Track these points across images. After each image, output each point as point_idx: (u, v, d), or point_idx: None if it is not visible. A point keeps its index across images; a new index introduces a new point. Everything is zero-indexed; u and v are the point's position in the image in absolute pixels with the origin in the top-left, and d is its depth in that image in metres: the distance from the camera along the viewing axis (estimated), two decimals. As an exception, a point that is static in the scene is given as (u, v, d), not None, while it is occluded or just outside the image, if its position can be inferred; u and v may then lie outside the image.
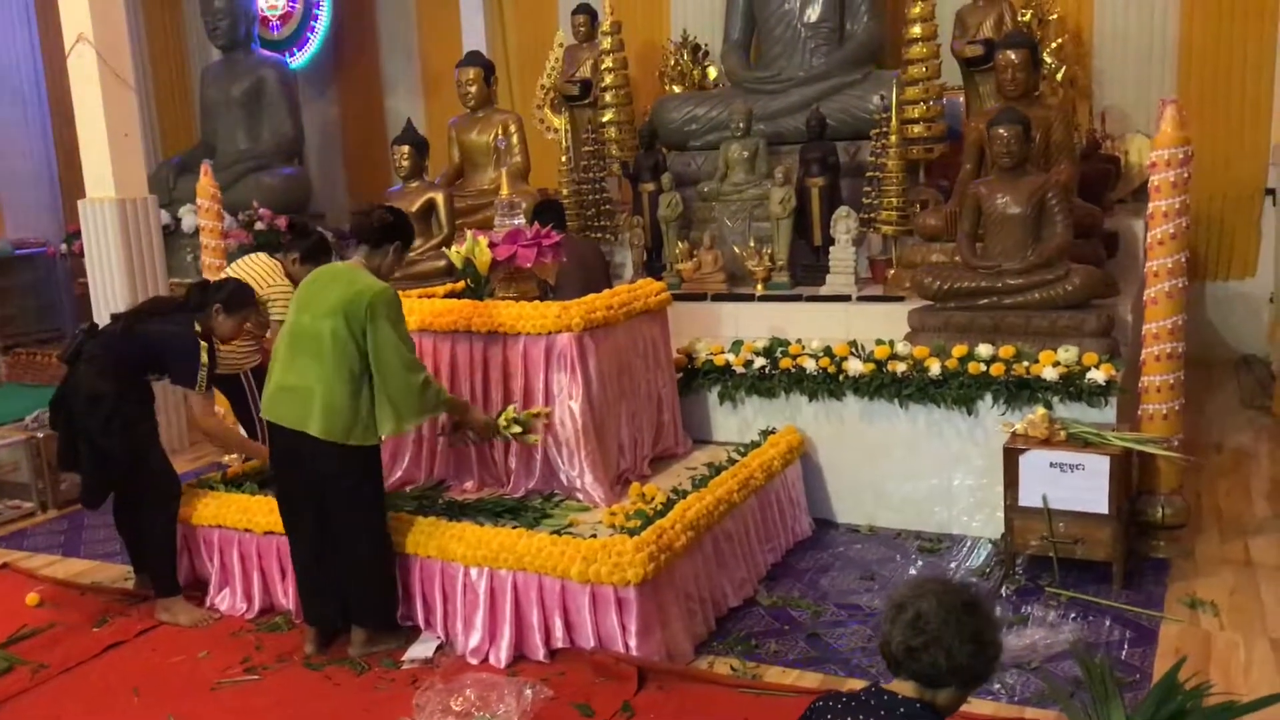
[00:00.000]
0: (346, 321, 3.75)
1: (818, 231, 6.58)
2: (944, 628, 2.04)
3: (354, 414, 3.78)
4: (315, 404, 3.76)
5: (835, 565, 4.66)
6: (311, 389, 3.77)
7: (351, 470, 3.85)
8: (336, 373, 3.76)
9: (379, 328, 3.76)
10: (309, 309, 3.86)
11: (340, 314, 3.75)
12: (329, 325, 3.76)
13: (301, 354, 3.84)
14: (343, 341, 3.75)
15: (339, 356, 3.75)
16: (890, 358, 4.94)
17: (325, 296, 3.83)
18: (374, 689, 3.75)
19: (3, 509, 5.92)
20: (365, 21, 10.55)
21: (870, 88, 6.85)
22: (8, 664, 4.09)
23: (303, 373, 3.82)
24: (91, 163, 6.57)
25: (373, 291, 3.79)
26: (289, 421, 3.84)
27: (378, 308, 3.76)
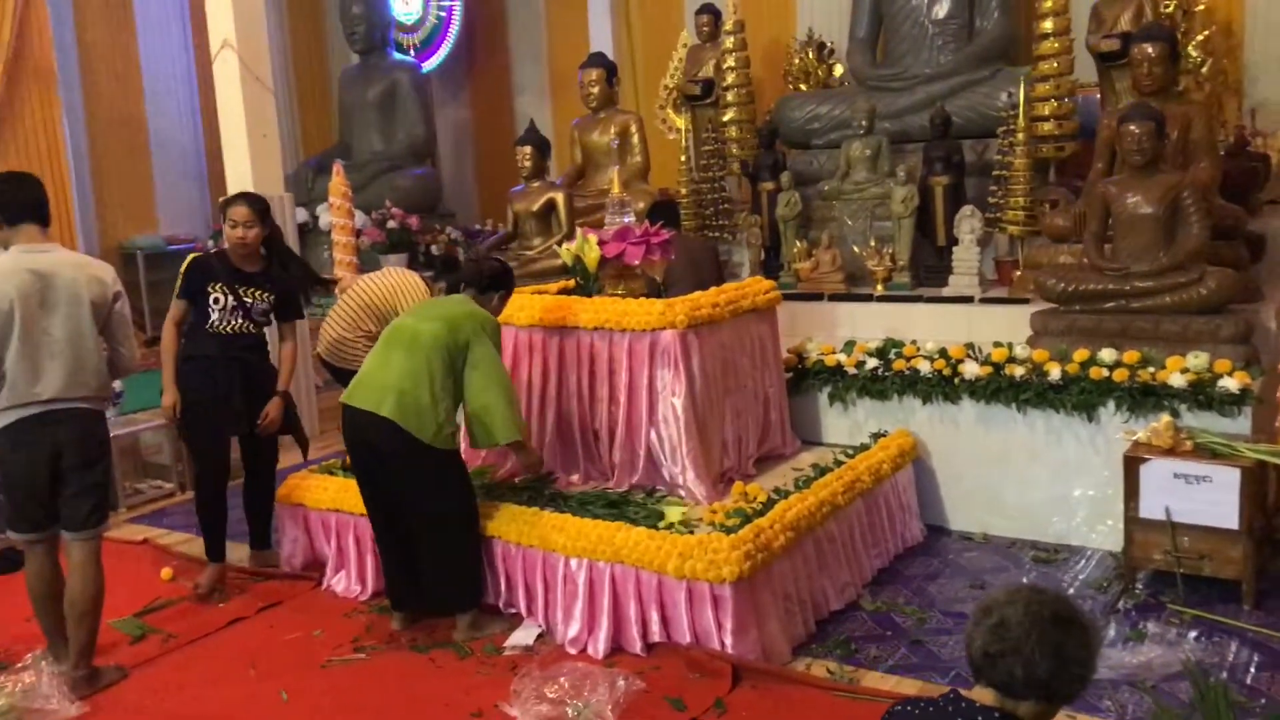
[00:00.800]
0: (450, 330, 3.99)
1: (941, 231, 6.44)
2: (1025, 638, 1.95)
3: (430, 411, 3.94)
4: (392, 390, 3.94)
5: (945, 572, 4.54)
6: (392, 378, 3.98)
7: (429, 465, 3.99)
8: (421, 368, 3.95)
9: (483, 344, 4.02)
10: (418, 313, 4.19)
11: (446, 322, 4.01)
12: (429, 328, 4.01)
13: (393, 349, 4.05)
14: (440, 344, 3.97)
15: (428, 355, 3.96)
16: (1008, 361, 4.79)
17: (437, 309, 4.14)
18: (474, 673, 3.84)
19: (145, 488, 6.28)
20: (496, 25, 10.80)
21: (999, 85, 6.67)
22: (141, 632, 4.34)
23: (387, 364, 4.02)
24: (232, 162, 6.91)
25: (484, 316, 4.11)
26: (364, 403, 4.01)
27: (486, 328, 4.06)
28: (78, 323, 3.72)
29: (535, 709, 3.48)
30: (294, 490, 4.86)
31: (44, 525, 3.79)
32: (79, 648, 3.83)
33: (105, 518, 3.90)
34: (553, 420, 4.63)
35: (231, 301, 4.62)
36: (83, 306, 3.73)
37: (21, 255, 3.70)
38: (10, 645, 4.24)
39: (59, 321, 3.69)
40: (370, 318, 5.40)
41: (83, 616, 3.81)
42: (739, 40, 7.48)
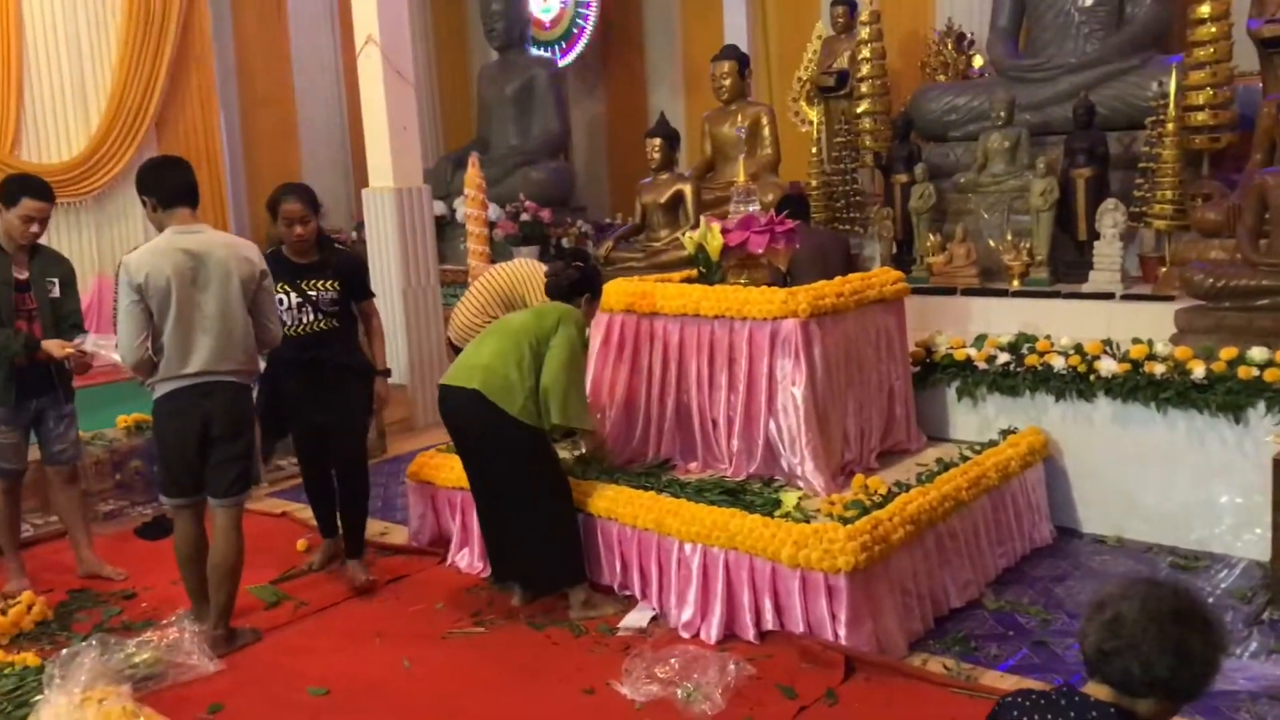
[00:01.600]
0: (537, 318, 4.24)
1: (1082, 225, 6.21)
2: (1142, 635, 1.86)
3: (518, 386, 4.10)
4: (480, 368, 4.16)
5: (1074, 575, 4.38)
6: (482, 358, 4.20)
7: (517, 441, 4.13)
8: (509, 348, 4.16)
9: (564, 331, 4.18)
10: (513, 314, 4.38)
11: (535, 313, 4.30)
12: (520, 318, 4.32)
13: (487, 337, 4.32)
14: (528, 330, 4.19)
15: (516, 338, 4.17)
16: (1148, 358, 4.58)
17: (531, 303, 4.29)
18: (588, 651, 3.89)
19: (285, 465, 6.56)
20: (631, 21, 10.89)
21: (1148, 73, 6.40)
22: (275, 598, 4.55)
23: (480, 348, 4.28)
24: (374, 155, 7.17)
25: (571, 311, 4.30)
26: (454, 380, 4.23)
27: (570, 322, 4.23)
28: (227, 299, 3.92)
29: (646, 688, 3.51)
30: (422, 468, 5.01)
31: (192, 491, 4.02)
32: (219, 608, 4.04)
33: (248, 486, 4.11)
34: (672, 408, 4.65)
35: (296, 298, 4.49)
36: (232, 284, 3.92)
37: (175, 236, 3.92)
38: (158, 605, 4.51)
39: (210, 298, 3.89)
40: (498, 304, 5.54)
41: (224, 579, 4.02)
42: (875, 31, 7.37)
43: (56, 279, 4.59)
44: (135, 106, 8.63)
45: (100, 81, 8.54)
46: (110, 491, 5.85)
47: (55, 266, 4.64)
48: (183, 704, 3.59)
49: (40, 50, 8.23)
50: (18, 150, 8.08)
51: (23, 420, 4.63)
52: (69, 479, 4.84)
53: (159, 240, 3.93)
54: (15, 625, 4.29)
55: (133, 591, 4.73)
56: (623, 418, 4.74)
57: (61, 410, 4.70)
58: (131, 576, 4.88)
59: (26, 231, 4.49)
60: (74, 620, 4.45)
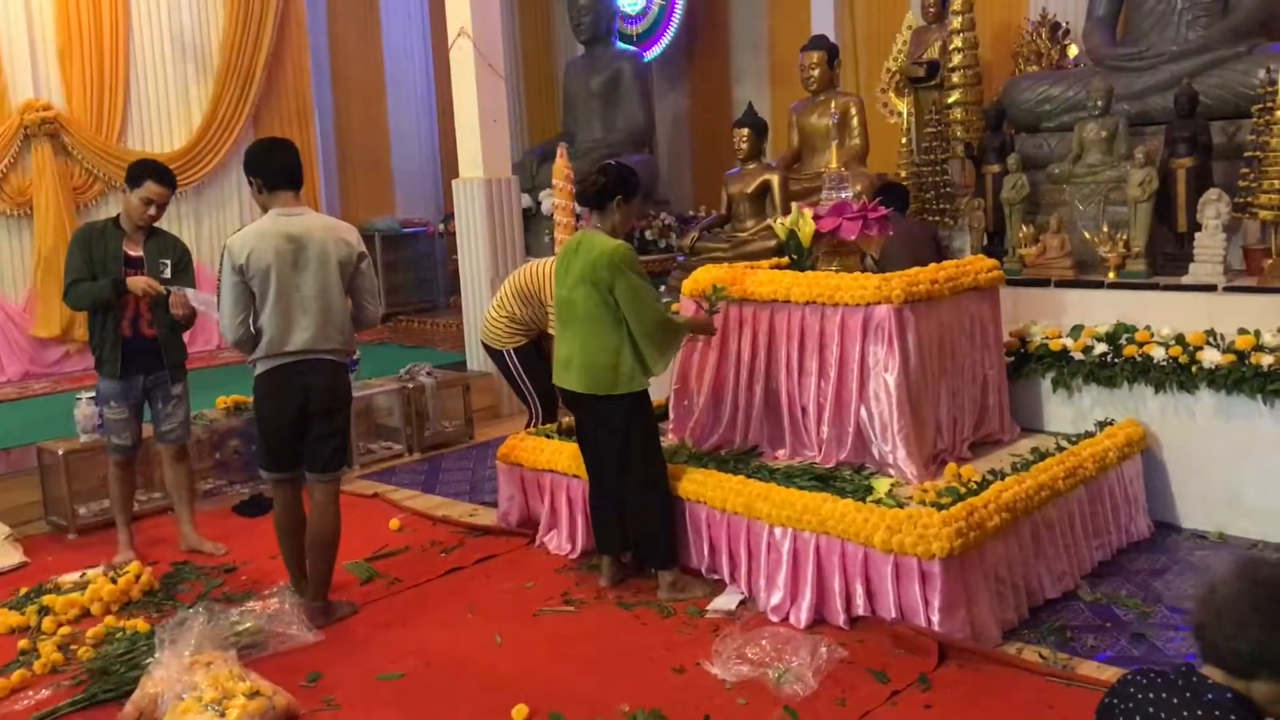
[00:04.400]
0: (594, 286, 4.08)
1: (1183, 217, 6.03)
2: (1252, 615, 1.83)
3: (613, 370, 4.11)
4: (577, 363, 4.16)
5: (1173, 569, 4.28)
6: (574, 352, 4.18)
7: (619, 416, 4.18)
8: (592, 334, 4.11)
9: (621, 281, 4.05)
10: (563, 282, 4.26)
11: (586, 281, 4.10)
12: (580, 293, 4.14)
13: (566, 324, 4.26)
14: (594, 304, 4.10)
15: (593, 319, 4.12)
16: (1254, 349, 4.46)
17: (571, 267, 4.21)
18: (677, 631, 3.92)
19: (377, 449, 6.72)
20: (717, 14, 10.88)
21: (1255, 61, 6.18)
22: (370, 575, 4.66)
23: (569, 341, 4.23)
24: (465, 146, 7.29)
25: (608, 251, 4.07)
26: (561, 382, 4.31)
27: (616, 264, 4.05)
28: (326, 281, 4.02)
29: (736, 668, 3.52)
30: (512, 450, 5.08)
31: (290, 466, 4.14)
32: (317, 581, 4.16)
33: (345, 462, 4.22)
34: (760, 394, 4.65)
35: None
36: (330, 266, 4.03)
37: (278, 219, 4.04)
38: (257, 578, 4.66)
39: (310, 279, 4.00)
40: (517, 302, 5.58)
41: (321, 552, 4.13)
42: (967, 20, 7.26)
43: (170, 261, 4.76)
44: (234, 101, 8.89)
45: (202, 77, 8.81)
46: (210, 470, 6.05)
47: (171, 249, 4.82)
48: (284, 672, 3.70)
49: (146, 45, 8.51)
50: (123, 141, 8.38)
51: (132, 398, 4.80)
52: (177, 457, 5.01)
53: (261, 222, 4.05)
54: (125, 594, 4.46)
55: (232, 565, 4.88)
56: (710, 404, 4.75)
57: (169, 390, 4.87)
58: (230, 551, 5.04)
59: (145, 213, 4.67)
60: (178, 590, 4.61)
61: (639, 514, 4.26)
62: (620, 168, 4.33)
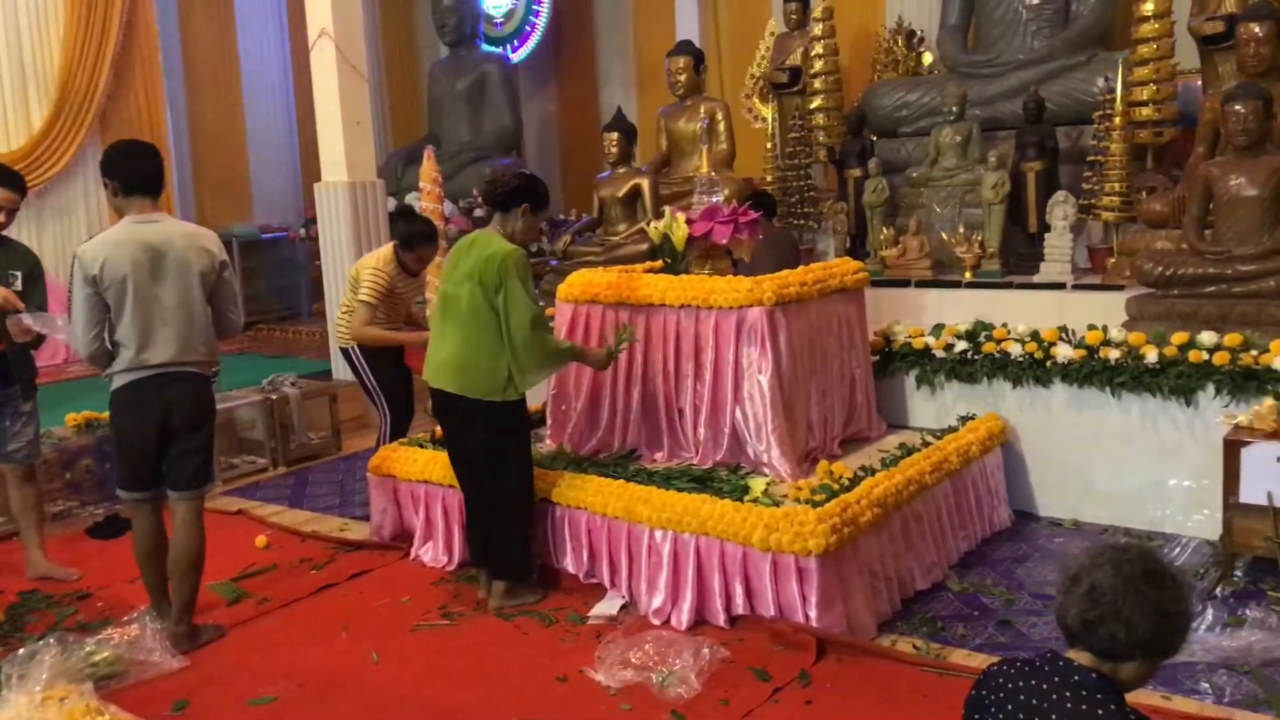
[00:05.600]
0: (481, 285, 3.98)
1: (1033, 218, 6.33)
2: (1121, 601, 1.91)
3: (491, 375, 4.02)
4: (454, 363, 4.07)
5: (1034, 557, 4.47)
6: (453, 352, 4.08)
7: (493, 425, 4.10)
8: (475, 335, 4.02)
9: (509, 285, 3.95)
10: (450, 277, 4.14)
11: (475, 279, 3.99)
12: (465, 290, 4.02)
13: (448, 320, 4.13)
14: (478, 304, 3.99)
15: (476, 319, 4.02)
16: (1103, 344, 4.69)
17: (461, 263, 4.10)
18: (559, 640, 3.89)
19: (241, 463, 6.47)
20: (583, 17, 10.90)
21: (1095, 70, 6.54)
22: (237, 595, 4.48)
23: (448, 339, 4.12)
24: (327, 148, 7.10)
25: (501, 254, 3.98)
26: (435, 381, 4.18)
27: (506, 268, 3.96)
28: (187, 291, 3.85)
29: (620, 674, 3.52)
30: (384, 462, 4.96)
31: (151, 485, 3.94)
32: (181, 604, 3.97)
33: (209, 479, 4.04)
34: (637, 398, 4.66)
35: None
36: (191, 275, 3.86)
37: (133, 226, 3.84)
38: (114, 604, 4.42)
39: (170, 290, 3.82)
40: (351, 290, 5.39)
41: (185, 573, 3.95)
42: (828, 28, 7.45)
43: (20, 272, 4.48)
44: (78, 102, 8.45)
45: (42, 76, 8.34)
46: (59, 491, 5.72)
47: (20, 260, 4.53)
48: (147, 701, 3.52)
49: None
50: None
51: (-25, 416, 4.51)
52: (25, 478, 4.73)
53: (116, 230, 3.86)
54: (-35, 627, 4.18)
55: (86, 592, 4.62)
56: (588, 408, 4.74)
57: (19, 407, 4.59)
58: (84, 577, 4.77)
59: None
60: (27, 622, 4.34)
61: (499, 525, 4.20)
62: (534, 178, 4.29)
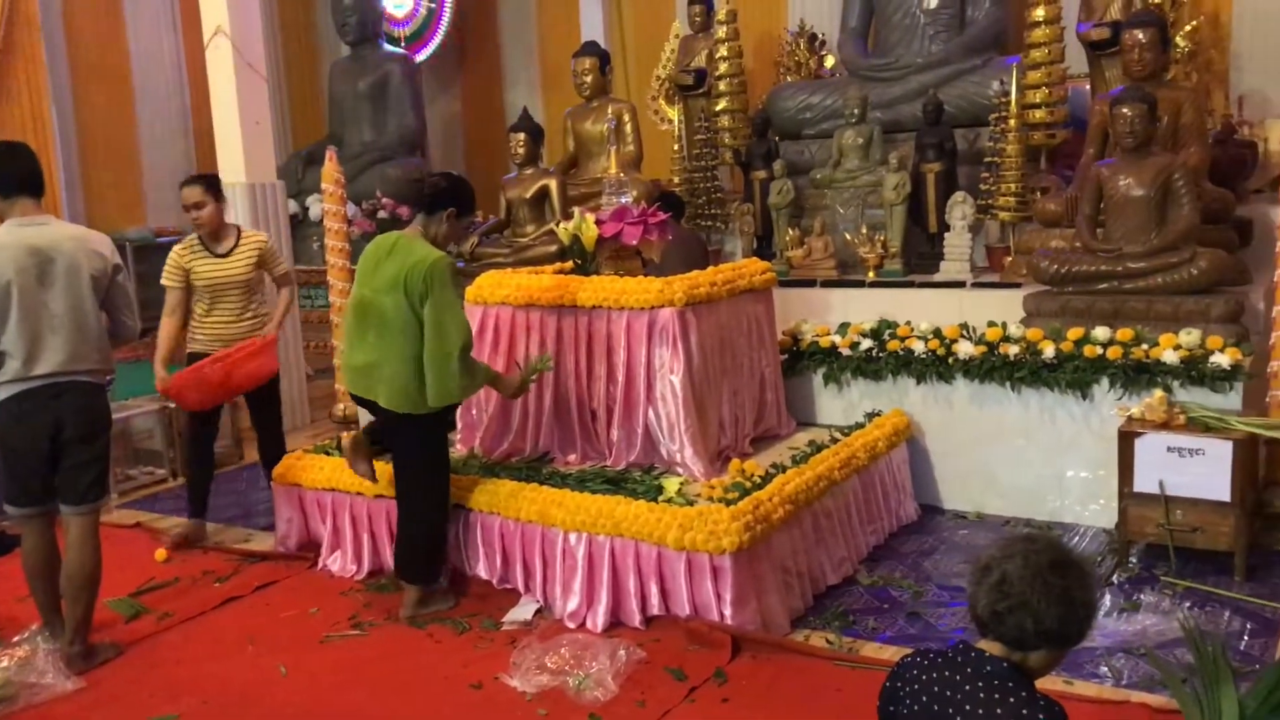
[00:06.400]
0: (406, 295, 3.83)
1: (933, 218, 6.47)
2: (1030, 591, 1.94)
3: (417, 389, 3.91)
4: (382, 377, 3.95)
5: (940, 549, 4.57)
6: (378, 363, 3.96)
7: (411, 434, 4.05)
8: (401, 348, 3.89)
9: (435, 296, 3.82)
10: (369, 283, 3.97)
11: (400, 287, 3.84)
12: (390, 300, 3.87)
13: (369, 328, 3.98)
14: (405, 316, 3.85)
15: (402, 332, 3.87)
16: (1002, 340, 4.83)
17: (382, 269, 3.93)
18: (473, 647, 3.84)
19: (138, 474, 6.26)
20: (487, 17, 10.81)
21: (990, 73, 6.71)
22: (135, 611, 4.32)
23: (370, 348, 3.98)
24: (225, 149, 6.89)
25: (428, 262, 3.83)
26: (363, 393, 4.08)
27: (434, 278, 3.81)
28: (78, 297, 3.70)
29: (536, 679, 3.49)
30: (289, 470, 4.85)
31: (42, 500, 3.78)
32: (75, 623, 3.81)
33: (104, 492, 3.90)
34: (550, 400, 4.63)
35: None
36: (82, 280, 3.71)
37: (18, 229, 3.69)
38: (4, 624, 4.22)
39: (59, 296, 3.67)
40: None
41: (80, 591, 3.79)
42: (731, 30, 7.52)
43: None
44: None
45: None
46: (-59, 508, 5.45)
47: None
48: (41, 725, 3.38)
49: None
50: None
51: None
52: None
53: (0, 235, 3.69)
54: None
55: (-29, 613, 4.42)
56: (499, 412, 4.69)
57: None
58: (-31, 597, 4.56)
59: None
60: (-94, 646, 4.12)
61: (409, 527, 4.14)
62: (463, 182, 4.16)
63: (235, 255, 5.12)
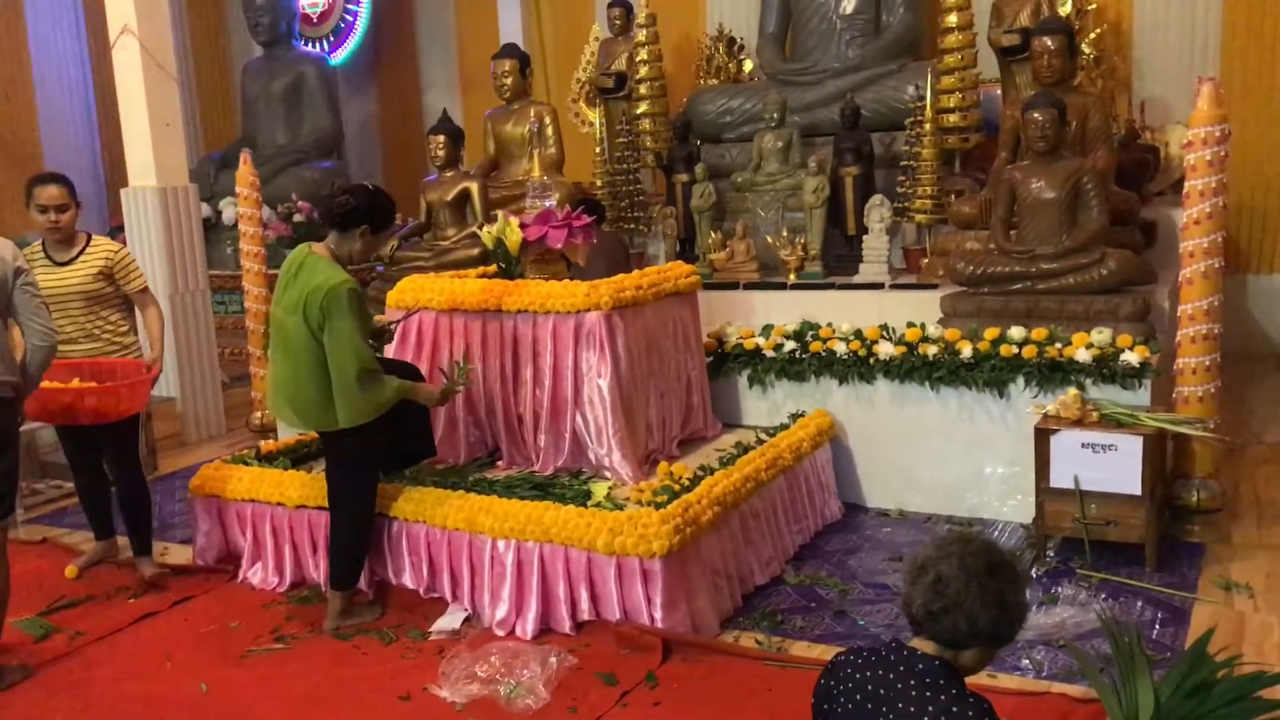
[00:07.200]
0: (305, 318, 3.81)
1: (851, 221, 6.56)
2: (964, 592, 1.98)
3: (323, 407, 3.89)
4: (287, 395, 3.96)
5: (864, 547, 4.64)
6: (287, 382, 3.96)
7: (335, 446, 4.03)
8: (304, 369, 3.87)
9: (332, 324, 3.78)
10: (280, 301, 3.96)
11: (300, 310, 3.82)
12: (293, 321, 3.86)
13: (278, 347, 3.99)
14: (304, 338, 3.84)
15: (302, 352, 3.86)
16: (921, 340, 4.92)
17: (290, 290, 3.90)
18: (400, 658, 3.79)
19: (44, 488, 6.04)
20: (404, 18, 10.68)
21: (905, 78, 6.83)
22: (45, 631, 4.17)
23: (281, 367, 3.98)
24: (134, 152, 6.70)
25: (328, 287, 3.78)
26: (276, 412, 4.12)
27: (330, 305, 3.77)
28: (-21, 305, 3.55)
29: (466, 689, 3.46)
30: (207, 481, 4.72)
31: (-57, 518, 3.61)
32: (-19, 645, 3.66)
33: (10, 508, 3.74)
34: (476, 405, 4.59)
35: None
36: (-17, 287, 3.56)
37: (-85, 236, 3.52)
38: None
39: (-43, 304, 3.51)
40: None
41: (-14, 611, 3.64)
42: (651, 34, 7.54)
43: None
44: None
45: None
46: None
47: None
48: (-55, 753, 3.24)
49: None
50: None
51: None
52: None
53: (-107, 242, 3.52)
54: None
55: None
56: (426, 418, 4.63)
57: None
58: None
59: None
60: None
61: (333, 534, 4.11)
62: (378, 194, 4.03)
63: (77, 264, 4.50)
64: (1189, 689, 2.72)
